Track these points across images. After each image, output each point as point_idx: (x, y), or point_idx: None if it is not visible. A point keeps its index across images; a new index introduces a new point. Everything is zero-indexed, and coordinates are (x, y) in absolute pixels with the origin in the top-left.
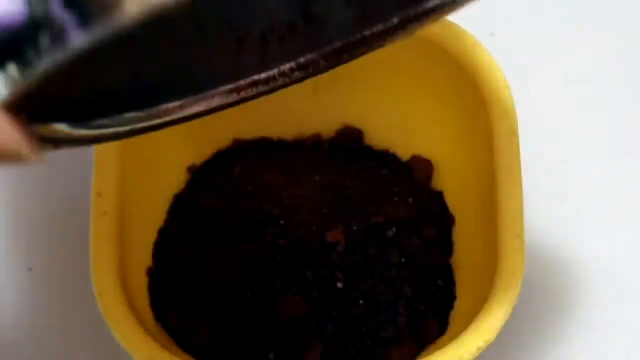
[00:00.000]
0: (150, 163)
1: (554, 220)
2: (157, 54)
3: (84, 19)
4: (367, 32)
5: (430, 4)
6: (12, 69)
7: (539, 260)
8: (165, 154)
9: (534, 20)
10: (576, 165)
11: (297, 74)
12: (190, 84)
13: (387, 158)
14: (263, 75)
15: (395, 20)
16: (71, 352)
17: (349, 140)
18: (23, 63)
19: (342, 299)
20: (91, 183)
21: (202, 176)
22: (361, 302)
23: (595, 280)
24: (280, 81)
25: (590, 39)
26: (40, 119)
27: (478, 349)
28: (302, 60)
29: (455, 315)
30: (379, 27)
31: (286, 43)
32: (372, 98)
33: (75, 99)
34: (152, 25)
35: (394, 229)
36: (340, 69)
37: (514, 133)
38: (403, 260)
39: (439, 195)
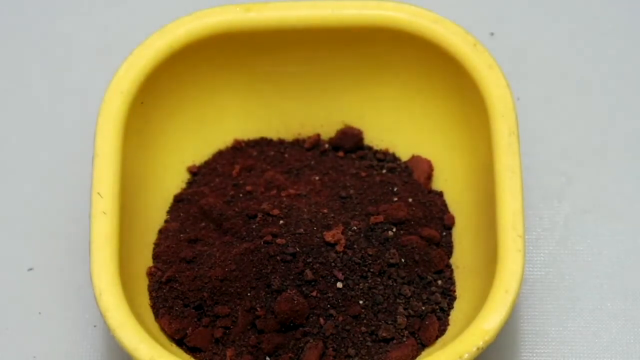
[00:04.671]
0: (150, 163)
1: (554, 220)
2: None
3: None
4: None
5: None
6: None
7: (539, 260)
8: (165, 154)
9: (534, 20)
10: (576, 165)
11: None
12: None
13: (387, 158)
14: None
15: None
16: (72, 352)
17: (349, 140)
18: None
19: (341, 299)
20: (91, 183)
21: (202, 176)
22: (361, 302)
23: (595, 279)
24: None
25: (590, 38)
26: None
27: (478, 349)
28: None
29: (455, 315)
30: None
31: None
32: (372, 98)
33: None
34: None
35: (394, 229)
36: (341, 70)
37: (514, 133)
38: (403, 260)
39: (439, 195)
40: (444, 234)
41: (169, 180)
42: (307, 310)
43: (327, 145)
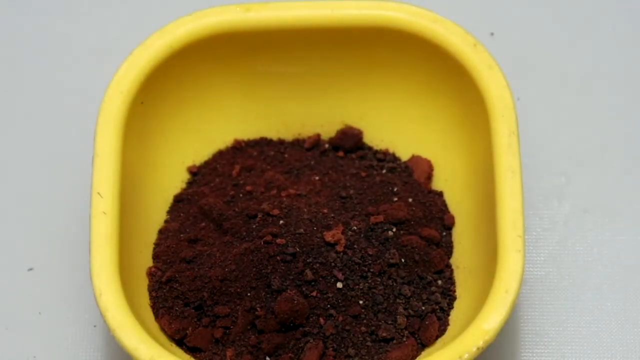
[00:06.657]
0: (151, 163)
1: (554, 220)
2: None
3: None
4: None
5: None
6: None
7: (539, 260)
8: (165, 154)
9: (534, 20)
10: (576, 165)
11: None
12: None
13: (387, 158)
14: None
15: None
16: (72, 352)
17: (349, 140)
18: None
19: (341, 299)
20: (91, 183)
21: (202, 176)
22: (361, 302)
23: (595, 279)
24: None
25: (589, 38)
26: None
27: (478, 349)
28: None
29: (455, 315)
30: None
31: None
32: (372, 98)
33: None
34: None
35: (394, 229)
36: (341, 70)
37: (514, 133)
38: (403, 260)
39: (439, 195)
40: (444, 234)
41: (169, 180)
42: (307, 310)
43: (327, 145)
